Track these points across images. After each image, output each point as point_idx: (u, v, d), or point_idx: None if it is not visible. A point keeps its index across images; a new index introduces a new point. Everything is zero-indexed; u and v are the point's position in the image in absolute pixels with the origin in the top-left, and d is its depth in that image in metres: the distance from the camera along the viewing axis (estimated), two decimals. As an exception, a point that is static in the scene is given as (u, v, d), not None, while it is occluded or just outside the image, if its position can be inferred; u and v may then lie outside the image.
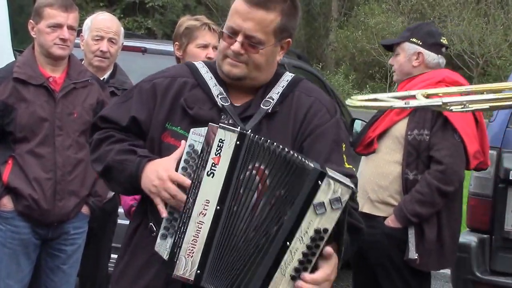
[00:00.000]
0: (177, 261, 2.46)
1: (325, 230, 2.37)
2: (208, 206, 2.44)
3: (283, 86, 2.73)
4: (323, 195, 2.36)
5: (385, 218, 4.54)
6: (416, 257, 4.44)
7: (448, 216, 4.53)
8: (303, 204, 2.38)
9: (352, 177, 2.60)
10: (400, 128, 4.57)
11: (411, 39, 4.78)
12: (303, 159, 2.41)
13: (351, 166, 2.67)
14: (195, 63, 2.85)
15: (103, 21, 4.92)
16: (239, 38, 2.61)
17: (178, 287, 2.57)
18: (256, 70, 2.69)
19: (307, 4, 35.48)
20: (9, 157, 4.25)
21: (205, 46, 4.43)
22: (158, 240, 2.54)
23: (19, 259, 4.33)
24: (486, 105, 3.94)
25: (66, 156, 4.28)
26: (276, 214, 2.41)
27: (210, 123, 2.50)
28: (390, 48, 5.00)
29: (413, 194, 4.44)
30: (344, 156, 2.66)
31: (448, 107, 3.87)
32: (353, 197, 2.42)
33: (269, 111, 2.65)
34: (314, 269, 2.41)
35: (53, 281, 4.46)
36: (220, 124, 2.48)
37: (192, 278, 2.45)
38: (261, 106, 2.68)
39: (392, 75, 5.30)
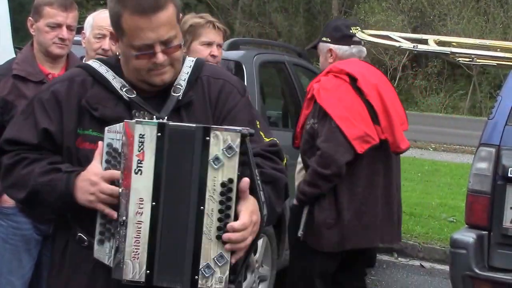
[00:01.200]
0: (124, 266, 2.39)
1: (230, 180, 2.35)
2: (143, 204, 2.38)
3: (188, 72, 2.67)
4: (215, 148, 2.36)
5: None
6: (300, 235, 4.73)
7: (349, 201, 4.72)
8: (200, 164, 2.36)
9: (275, 145, 2.65)
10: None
11: (322, 39, 5.03)
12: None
13: (271, 138, 2.69)
14: (90, 62, 2.73)
15: (106, 19, 4.85)
16: (158, 48, 2.51)
17: None
18: (179, 63, 2.64)
19: (307, 2, 35.51)
20: (9, 154, 4.24)
21: (209, 44, 4.47)
22: (96, 246, 2.49)
23: (21, 255, 4.33)
24: (493, 62, 3.97)
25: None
26: (184, 185, 2.38)
27: (126, 120, 2.44)
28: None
29: (305, 175, 4.77)
30: (261, 132, 2.67)
31: (456, 58, 3.92)
32: (244, 139, 2.38)
33: (180, 97, 2.60)
34: (236, 218, 2.38)
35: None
36: (136, 119, 2.44)
37: (143, 280, 2.39)
38: (172, 93, 2.61)
39: (391, 72, 5.40)
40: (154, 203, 2.38)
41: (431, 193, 12.19)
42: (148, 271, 2.39)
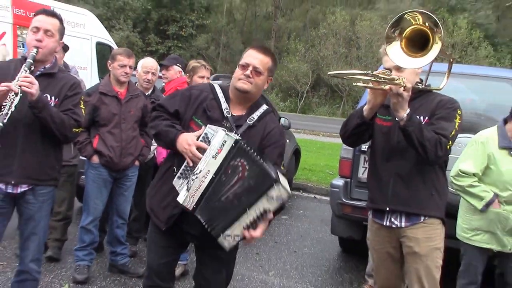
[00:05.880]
0: (186, 196, 2.38)
1: (269, 210, 2.33)
2: (209, 174, 2.36)
3: (260, 112, 2.62)
4: (274, 191, 2.29)
5: None
6: None
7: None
8: (262, 193, 2.30)
9: (285, 175, 2.58)
10: None
11: (177, 64, 5.02)
12: (267, 165, 2.33)
13: (283, 168, 2.62)
14: (214, 84, 2.68)
15: (149, 62, 4.88)
16: (250, 68, 2.53)
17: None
18: (256, 88, 2.57)
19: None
20: (96, 134, 4.22)
21: (202, 77, 4.40)
22: (175, 179, 2.47)
23: (101, 189, 4.28)
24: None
25: (127, 134, 4.24)
26: (247, 192, 2.32)
27: (222, 128, 2.40)
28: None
29: None
30: (282, 166, 2.61)
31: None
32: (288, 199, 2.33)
33: (251, 124, 2.58)
34: (255, 226, 2.33)
35: (119, 201, 4.43)
36: (226, 131, 2.38)
37: (190, 208, 2.38)
38: (247, 121, 2.57)
39: (299, 93, 5.23)
40: (214, 176, 2.34)
41: (321, 158, 12.21)
42: (194, 206, 2.37)
